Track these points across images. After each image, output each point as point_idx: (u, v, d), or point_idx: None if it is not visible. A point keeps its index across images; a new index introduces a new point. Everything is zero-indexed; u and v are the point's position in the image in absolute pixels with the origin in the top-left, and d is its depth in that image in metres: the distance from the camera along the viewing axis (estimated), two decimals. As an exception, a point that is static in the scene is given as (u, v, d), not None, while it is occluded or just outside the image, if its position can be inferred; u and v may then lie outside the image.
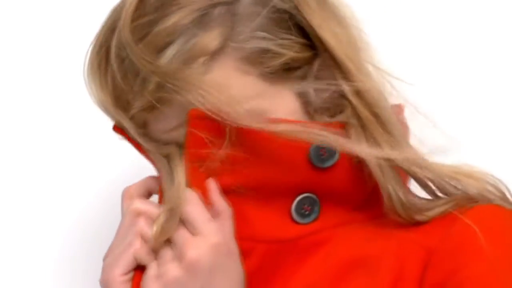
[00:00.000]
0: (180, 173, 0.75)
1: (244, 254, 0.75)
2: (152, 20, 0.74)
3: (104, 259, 0.77)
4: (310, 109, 0.78)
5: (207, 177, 0.75)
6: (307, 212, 0.77)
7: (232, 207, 0.75)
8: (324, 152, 0.75)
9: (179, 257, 0.71)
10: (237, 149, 0.74)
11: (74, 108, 1.13)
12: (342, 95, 0.77)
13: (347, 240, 0.77)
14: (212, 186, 0.75)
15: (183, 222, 0.73)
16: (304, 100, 0.78)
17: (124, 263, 0.75)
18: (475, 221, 0.73)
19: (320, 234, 0.77)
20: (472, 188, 0.77)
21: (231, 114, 0.73)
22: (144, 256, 0.74)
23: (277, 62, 0.75)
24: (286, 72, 0.76)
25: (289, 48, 0.76)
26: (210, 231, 0.72)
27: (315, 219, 0.77)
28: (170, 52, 0.73)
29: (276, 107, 0.76)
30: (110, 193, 1.11)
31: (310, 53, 0.78)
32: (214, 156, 0.74)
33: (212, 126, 0.74)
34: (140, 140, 0.79)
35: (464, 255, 0.72)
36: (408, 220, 0.77)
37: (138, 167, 0.86)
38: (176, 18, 0.73)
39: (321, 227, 0.78)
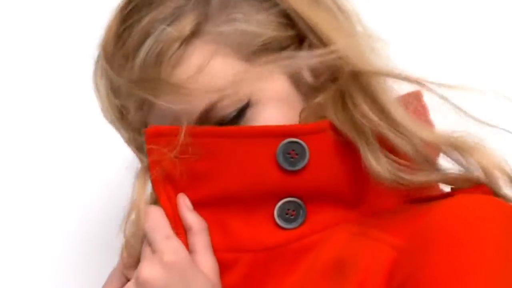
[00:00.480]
0: (140, 189, 0.75)
1: (229, 265, 0.74)
2: (129, 25, 0.74)
3: None
4: (303, 90, 0.76)
5: (177, 192, 0.75)
6: (292, 217, 0.74)
7: (212, 219, 0.74)
8: (293, 153, 0.72)
9: (136, 276, 0.72)
10: (204, 161, 0.73)
11: (80, 111, 1.12)
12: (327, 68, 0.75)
13: (333, 243, 0.73)
14: (181, 201, 0.75)
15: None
16: (296, 81, 0.76)
17: (116, 278, 0.77)
18: (446, 215, 0.67)
19: (310, 237, 0.74)
20: (475, 164, 0.72)
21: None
22: (126, 272, 0.76)
23: (257, 42, 0.74)
24: (271, 52, 0.75)
25: (267, 27, 0.74)
26: (164, 249, 0.71)
27: (302, 223, 0.74)
28: (145, 47, 0.72)
29: (264, 90, 0.74)
30: (111, 192, 1.11)
31: (292, 32, 0.75)
32: (179, 170, 0.74)
33: (172, 141, 0.73)
34: (132, 148, 0.80)
35: (423, 255, 0.66)
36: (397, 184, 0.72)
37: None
38: (151, 16, 0.73)
39: (311, 230, 0.74)
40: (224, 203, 0.74)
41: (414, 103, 0.77)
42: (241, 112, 0.73)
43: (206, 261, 0.73)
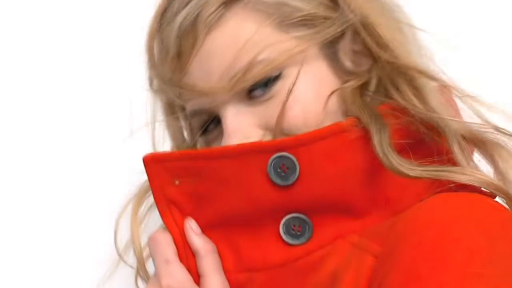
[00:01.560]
0: (134, 218, 0.80)
1: (242, 286, 0.74)
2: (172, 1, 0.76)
3: None
4: (341, 74, 0.76)
5: (184, 216, 0.75)
6: (299, 233, 0.72)
7: (222, 241, 0.75)
8: (284, 167, 0.71)
9: None
10: (204, 183, 0.73)
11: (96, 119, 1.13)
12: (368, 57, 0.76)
13: (335, 257, 0.71)
14: (187, 225, 0.75)
15: None
16: (335, 64, 0.76)
17: None
18: (416, 216, 0.64)
19: (317, 252, 0.72)
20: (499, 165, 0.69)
21: None
22: None
23: (297, 16, 0.74)
24: (309, 29, 0.75)
25: (308, 3, 0.75)
26: (162, 273, 0.73)
27: (309, 238, 0.72)
28: (185, 11, 0.74)
29: (298, 65, 0.74)
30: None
31: (334, 15, 0.75)
32: (182, 194, 0.75)
33: (170, 166, 0.74)
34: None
35: (391, 259, 0.62)
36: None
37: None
38: None
39: (318, 244, 0.72)
40: (231, 224, 0.74)
41: (447, 96, 0.76)
42: (271, 82, 0.74)
43: (214, 284, 0.73)
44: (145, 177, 0.77)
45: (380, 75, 0.75)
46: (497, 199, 0.71)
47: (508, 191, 0.69)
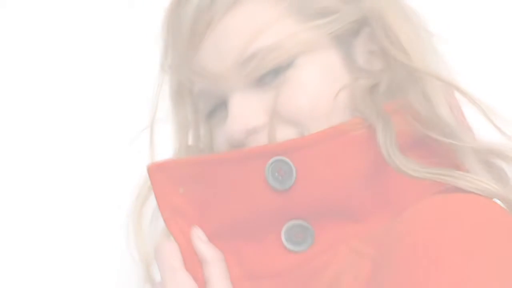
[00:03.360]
0: (137, 224, 0.79)
1: None
2: None
3: None
4: (355, 71, 0.76)
5: (190, 225, 0.75)
6: (300, 239, 0.72)
7: (228, 250, 0.74)
8: (281, 172, 0.70)
9: None
10: (207, 190, 0.74)
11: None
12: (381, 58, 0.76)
13: (336, 262, 0.70)
14: (195, 234, 0.75)
15: None
16: (350, 60, 0.76)
17: None
18: (408, 218, 0.63)
19: (320, 258, 0.71)
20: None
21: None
22: None
23: (314, 6, 0.75)
24: (325, 21, 0.75)
25: None
26: (168, 282, 0.73)
27: (311, 244, 0.72)
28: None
29: (311, 55, 0.74)
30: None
31: (352, 10, 0.76)
32: (187, 202, 0.75)
33: (176, 174, 0.75)
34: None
35: (384, 263, 0.62)
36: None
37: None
38: None
39: (320, 250, 0.71)
40: (236, 232, 0.74)
41: (453, 100, 0.75)
42: (283, 69, 0.74)
43: None
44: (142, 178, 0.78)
45: (391, 78, 0.75)
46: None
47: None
